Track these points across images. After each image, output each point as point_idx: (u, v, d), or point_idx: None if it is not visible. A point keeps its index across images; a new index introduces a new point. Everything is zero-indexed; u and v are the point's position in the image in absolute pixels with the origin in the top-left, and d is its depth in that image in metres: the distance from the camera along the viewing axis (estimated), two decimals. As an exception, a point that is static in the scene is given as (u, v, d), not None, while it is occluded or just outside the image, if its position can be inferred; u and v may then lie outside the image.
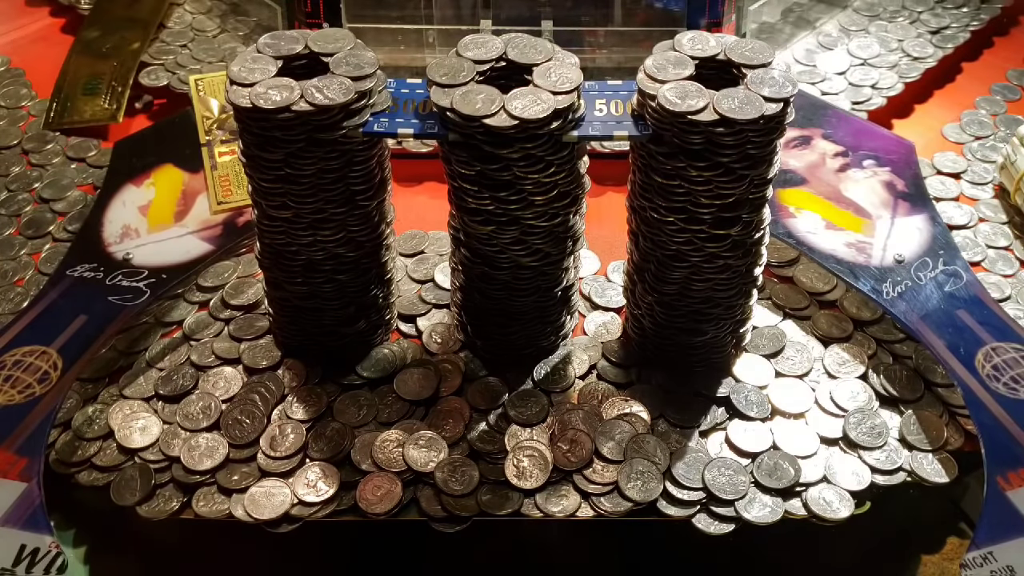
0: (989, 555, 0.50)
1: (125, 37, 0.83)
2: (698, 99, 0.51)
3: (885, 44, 0.84)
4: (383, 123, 0.54)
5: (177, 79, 0.81)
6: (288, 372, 0.61)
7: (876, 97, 0.79)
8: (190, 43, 0.85)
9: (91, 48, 0.83)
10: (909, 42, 0.84)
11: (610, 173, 0.69)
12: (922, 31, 0.86)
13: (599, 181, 0.68)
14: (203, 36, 0.85)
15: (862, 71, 0.81)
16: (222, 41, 0.85)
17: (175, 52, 0.84)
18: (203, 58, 0.83)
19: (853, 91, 0.80)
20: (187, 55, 0.83)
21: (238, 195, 0.67)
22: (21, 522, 0.51)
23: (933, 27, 0.86)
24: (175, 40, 0.85)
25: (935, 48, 0.84)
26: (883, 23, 0.87)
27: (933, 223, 0.66)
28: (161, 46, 0.84)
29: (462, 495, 0.55)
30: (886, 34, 0.85)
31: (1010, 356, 0.58)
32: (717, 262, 0.56)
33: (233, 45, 0.84)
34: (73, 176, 0.75)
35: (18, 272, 0.68)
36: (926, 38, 0.85)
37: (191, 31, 0.86)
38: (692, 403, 0.59)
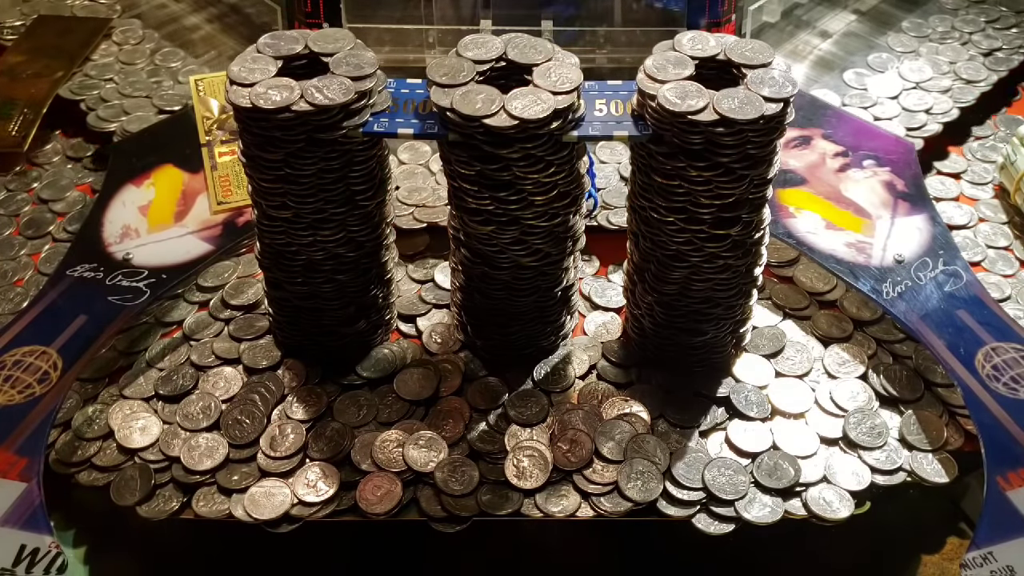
0: (989, 555, 0.50)
1: (49, 65, 0.81)
2: (698, 99, 0.51)
3: (936, 67, 0.81)
4: (383, 123, 0.54)
5: (96, 116, 0.77)
6: (288, 372, 0.61)
7: (931, 123, 0.76)
8: (116, 76, 0.81)
9: (12, 72, 0.80)
10: (961, 64, 0.82)
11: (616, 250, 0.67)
12: (974, 52, 0.83)
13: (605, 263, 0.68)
14: (130, 68, 0.82)
15: (915, 95, 0.79)
16: (150, 74, 0.82)
17: (98, 86, 0.80)
18: (128, 92, 0.79)
19: (907, 116, 0.77)
20: (112, 89, 0.80)
21: (238, 195, 0.67)
22: (21, 522, 0.51)
23: (985, 48, 0.84)
24: (100, 73, 0.82)
25: (988, 71, 0.81)
26: (934, 45, 0.84)
27: (933, 223, 0.66)
28: (83, 80, 0.81)
29: (462, 495, 0.55)
30: (937, 56, 0.83)
31: (1010, 356, 0.58)
32: (717, 262, 0.56)
33: (159, 79, 0.81)
34: (72, 176, 0.75)
35: (18, 272, 0.68)
36: (979, 60, 0.82)
37: (117, 63, 0.83)
38: (692, 403, 0.59)
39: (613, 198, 0.71)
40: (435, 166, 0.73)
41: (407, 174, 0.73)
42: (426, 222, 0.69)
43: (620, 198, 0.70)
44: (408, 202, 0.70)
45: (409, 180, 0.72)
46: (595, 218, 0.69)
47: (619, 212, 0.69)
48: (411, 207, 0.70)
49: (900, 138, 0.73)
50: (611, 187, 0.72)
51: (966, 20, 0.87)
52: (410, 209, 0.70)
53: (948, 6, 0.88)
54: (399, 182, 0.72)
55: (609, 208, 0.70)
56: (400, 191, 0.71)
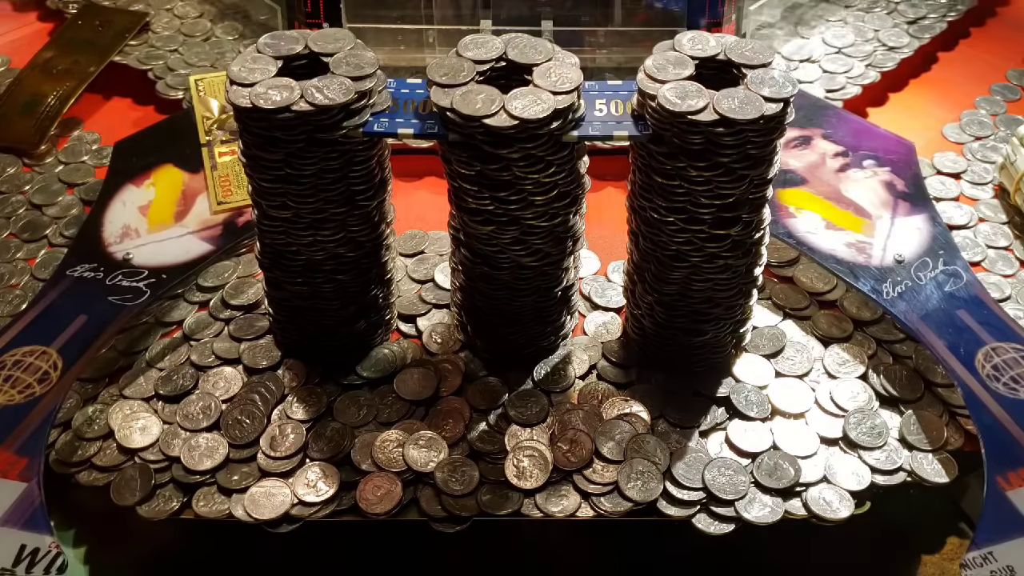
0: (989, 555, 0.50)
1: (78, 61, 0.81)
2: (698, 99, 0.51)
3: (861, 34, 0.85)
4: (383, 123, 0.54)
5: (164, 84, 0.80)
6: (288, 372, 0.61)
7: (850, 86, 0.80)
8: (180, 47, 0.84)
9: (45, 66, 0.81)
10: (885, 32, 0.85)
11: (610, 170, 0.68)
12: (899, 21, 0.86)
13: (599, 178, 0.68)
14: (192, 40, 0.85)
15: (837, 60, 0.82)
16: (213, 45, 0.84)
17: (164, 56, 0.83)
18: (194, 62, 0.82)
19: (827, 79, 0.80)
20: (178, 59, 0.83)
21: (238, 195, 0.67)
22: (21, 522, 0.51)
23: (910, 17, 0.87)
24: (164, 44, 0.84)
25: (911, 38, 0.84)
26: (860, 13, 0.87)
27: (933, 223, 0.66)
28: (150, 51, 0.83)
29: (462, 495, 0.55)
30: (862, 24, 0.86)
31: (1010, 356, 0.58)
32: (717, 262, 0.56)
33: (222, 51, 0.84)
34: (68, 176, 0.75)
35: (14, 276, 0.67)
36: (903, 28, 0.86)
37: (180, 35, 0.85)
38: (692, 403, 0.59)
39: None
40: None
41: None
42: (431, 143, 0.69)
43: None
44: None
45: None
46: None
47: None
48: None
49: (900, 138, 0.73)
50: None
51: None
52: None
53: None
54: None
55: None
56: None
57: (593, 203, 0.61)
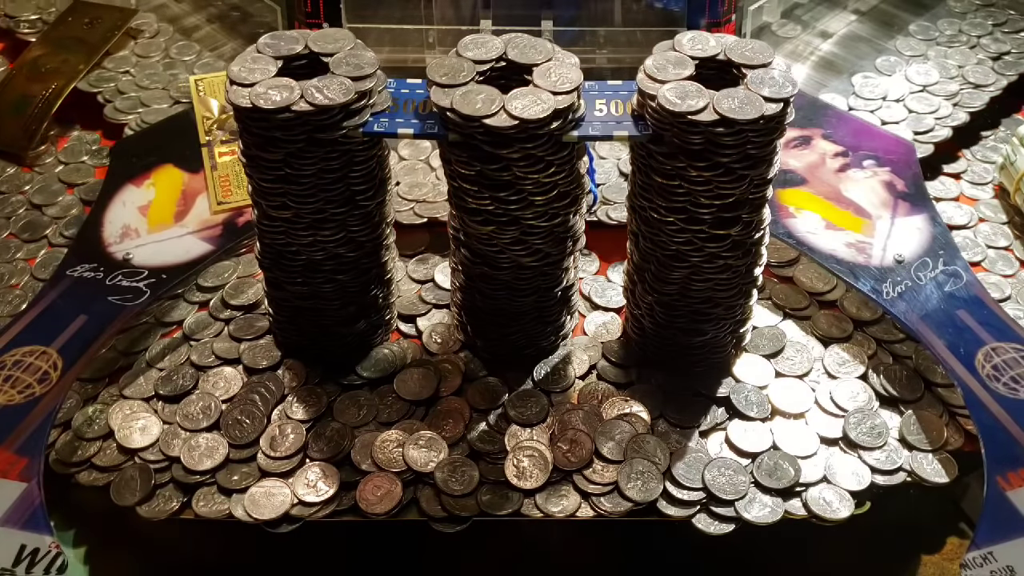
0: (989, 555, 0.50)
1: (67, 60, 0.80)
2: (698, 99, 0.51)
3: (945, 71, 0.80)
4: (383, 123, 0.54)
5: (113, 108, 0.78)
6: (288, 372, 0.61)
7: (939, 128, 0.75)
8: (132, 68, 0.82)
9: (33, 65, 0.80)
10: (970, 68, 0.81)
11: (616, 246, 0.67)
12: (982, 57, 0.82)
13: (605, 258, 0.68)
14: (145, 62, 0.83)
15: (921, 99, 0.78)
16: (167, 66, 0.82)
17: (115, 79, 0.81)
18: (146, 84, 0.80)
19: (914, 120, 0.76)
20: (129, 81, 0.81)
21: (238, 195, 0.67)
22: (21, 522, 0.51)
23: (993, 52, 0.82)
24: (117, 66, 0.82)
25: (996, 75, 0.80)
26: (942, 48, 0.83)
27: (933, 223, 0.66)
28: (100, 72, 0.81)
29: (462, 495, 0.55)
30: (945, 60, 0.81)
31: (1010, 356, 0.58)
32: (717, 262, 0.56)
33: (176, 72, 0.82)
34: (68, 176, 0.75)
35: (14, 276, 0.67)
36: (987, 64, 0.81)
37: (133, 56, 0.83)
38: (692, 403, 0.59)
39: (613, 193, 0.71)
40: (435, 162, 0.73)
41: (407, 170, 0.73)
42: (427, 217, 0.69)
43: (620, 194, 0.70)
44: (408, 197, 0.70)
45: (410, 176, 0.72)
46: (595, 213, 0.69)
47: (619, 207, 0.69)
48: (411, 202, 0.70)
49: (900, 138, 0.73)
50: (611, 183, 0.72)
51: (974, 24, 0.85)
52: (410, 205, 0.70)
53: (956, 9, 0.87)
54: (399, 178, 0.72)
55: (608, 203, 0.70)
56: (400, 187, 0.71)
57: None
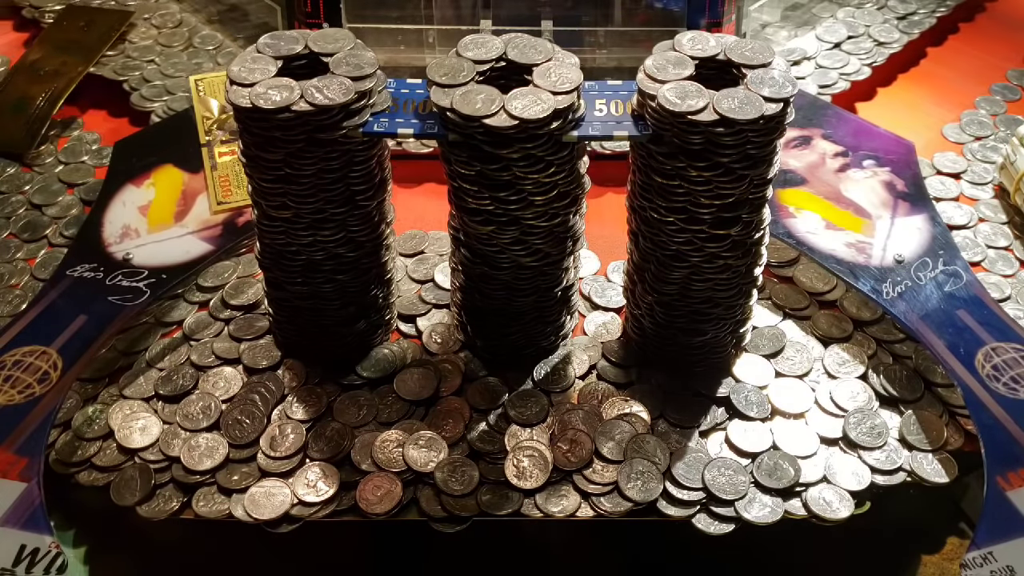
0: (989, 555, 0.50)
1: (67, 62, 0.81)
2: (698, 99, 0.51)
3: (852, 29, 0.85)
4: (383, 123, 0.54)
5: (139, 96, 0.80)
6: (288, 372, 0.61)
7: (841, 81, 0.81)
8: (157, 58, 0.83)
9: (32, 68, 0.81)
10: (876, 28, 0.86)
11: (610, 175, 0.68)
12: (889, 17, 0.87)
13: (599, 183, 0.68)
14: (169, 51, 0.84)
15: (830, 56, 0.83)
16: (191, 55, 0.84)
17: (140, 67, 0.83)
18: (171, 72, 0.82)
19: (820, 74, 0.81)
20: (154, 70, 0.82)
21: (238, 195, 0.67)
22: (21, 522, 0.51)
23: (900, 13, 0.87)
24: (141, 55, 0.84)
25: (901, 33, 0.85)
26: (851, 9, 0.88)
27: (933, 223, 0.66)
28: (126, 61, 0.83)
29: (462, 495, 0.55)
30: (853, 20, 0.87)
31: (1010, 356, 0.58)
32: (717, 262, 0.56)
33: (200, 61, 0.83)
34: (68, 176, 0.75)
35: (14, 276, 0.67)
36: (892, 23, 0.86)
37: (158, 45, 0.85)
38: (692, 403, 0.59)
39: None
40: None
41: None
42: (431, 146, 0.72)
43: None
44: None
45: None
46: (589, 144, 0.69)
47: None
48: None
49: (900, 138, 0.73)
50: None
51: None
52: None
53: None
54: None
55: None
56: None
57: (593, 204, 0.61)
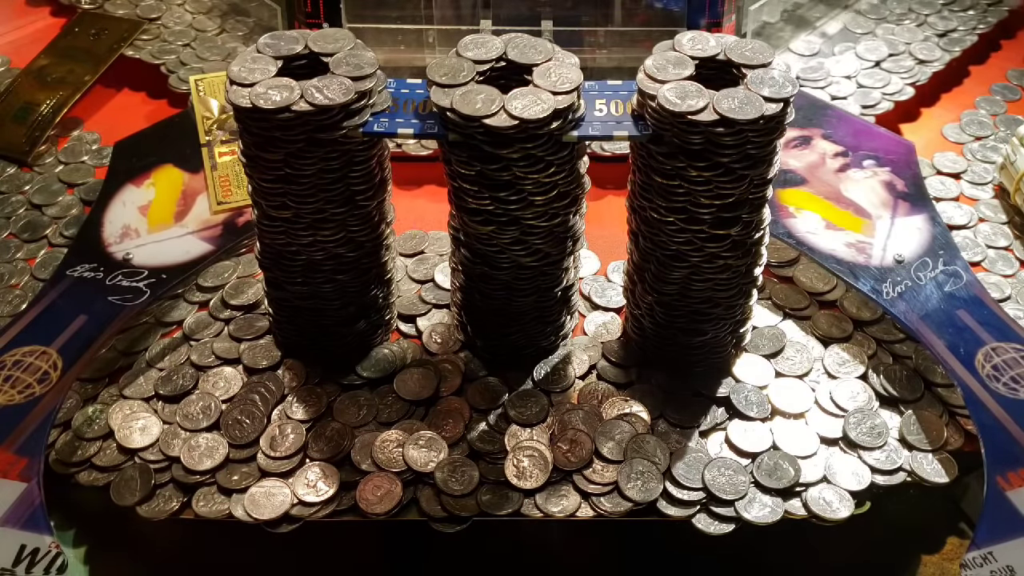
0: (989, 555, 0.50)
1: (73, 70, 0.81)
2: (698, 99, 0.51)
3: (892, 47, 0.84)
4: (383, 123, 0.54)
5: (177, 78, 0.81)
6: (288, 372, 0.61)
7: (884, 101, 0.79)
8: (192, 42, 0.85)
9: (40, 73, 0.81)
10: (916, 45, 0.84)
11: (610, 177, 0.69)
12: (929, 34, 0.85)
13: (599, 184, 0.68)
14: (204, 36, 0.86)
15: (871, 74, 0.81)
16: (225, 40, 0.85)
17: (176, 51, 0.84)
18: (207, 56, 0.83)
19: (862, 94, 0.79)
20: (190, 53, 0.84)
21: (238, 195, 0.67)
22: (21, 522, 0.51)
23: (940, 30, 0.86)
24: (176, 39, 0.85)
25: (942, 51, 0.83)
26: (890, 26, 0.86)
27: (933, 223, 0.66)
28: (162, 45, 0.84)
29: (462, 495, 0.55)
30: (893, 37, 0.85)
31: (1010, 356, 0.58)
32: (717, 262, 0.56)
33: (234, 45, 0.85)
34: (68, 176, 0.75)
35: (14, 276, 0.67)
36: (933, 41, 0.84)
37: (192, 31, 0.86)
38: (692, 403, 0.59)
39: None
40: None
41: None
42: (431, 149, 0.72)
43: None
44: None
45: None
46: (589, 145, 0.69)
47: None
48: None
49: (900, 138, 0.73)
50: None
51: (923, 3, 0.89)
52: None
53: None
54: None
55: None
56: None
57: (593, 204, 0.61)
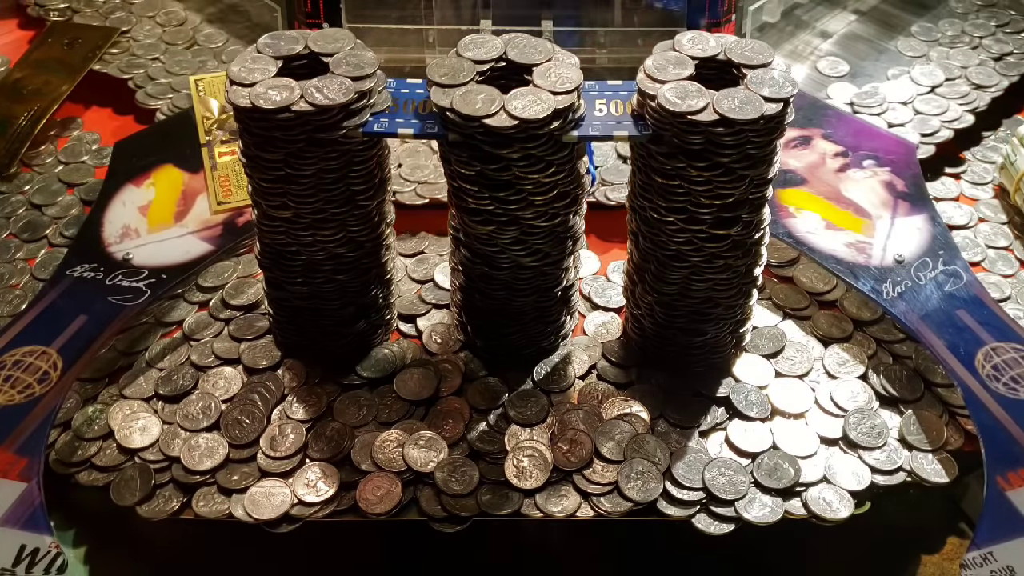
0: (989, 555, 0.50)
1: (49, 81, 0.80)
2: (698, 99, 0.51)
3: (948, 72, 0.80)
4: (383, 123, 0.54)
5: (144, 93, 0.80)
6: (288, 372, 0.61)
7: (944, 130, 0.75)
8: (162, 55, 0.83)
9: (15, 87, 0.79)
10: (972, 69, 0.81)
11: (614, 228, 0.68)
12: (984, 57, 0.82)
13: (603, 238, 0.69)
14: (174, 49, 0.84)
15: (927, 100, 0.78)
16: (196, 53, 0.84)
17: (145, 65, 0.82)
18: (176, 71, 0.82)
19: (920, 122, 0.76)
20: (159, 67, 0.82)
21: (238, 195, 0.67)
22: (21, 522, 0.51)
23: (995, 53, 0.82)
24: (146, 53, 0.84)
25: (999, 76, 0.80)
26: (944, 49, 0.83)
27: (933, 223, 0.66)
28: (131, 59, 0.83)
29: (462, 495, 0.55)
30: (948, 61, 0.82)
31: (1010, 356, 0.58)
32: (717, 262, 0.56)
33: (204, 59, 0.83)
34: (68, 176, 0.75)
35: (14, 276, 0.67)
36: (989, 65, 0.81)
37: (162, 43, 0.85)
38: (692, 403, 0.59)
39: (611, 175, 0.72)
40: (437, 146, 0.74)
41: (409, 152, 0.74)
42: (428, 198, 0.70)
43: (618, 175, 0.72)
44: (410, 179, 0.72)
45: (412, 158, 0.73)
46: (593, 194, 0.69)
47: (616, 188, 0.71)
48: (413, 183, 0.71)
49: (900, 138, 0.73)
50: (609, 164, 0.73)
51: (976, 24, 0.86)
52: (412, 186, 0.71)
53: (958, 10, 0.88)
54: (401, 160, 0.73)
55: (607, 185, 0.71)
56: (403, 168, 0.72)
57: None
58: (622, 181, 0.57)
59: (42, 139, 0.77)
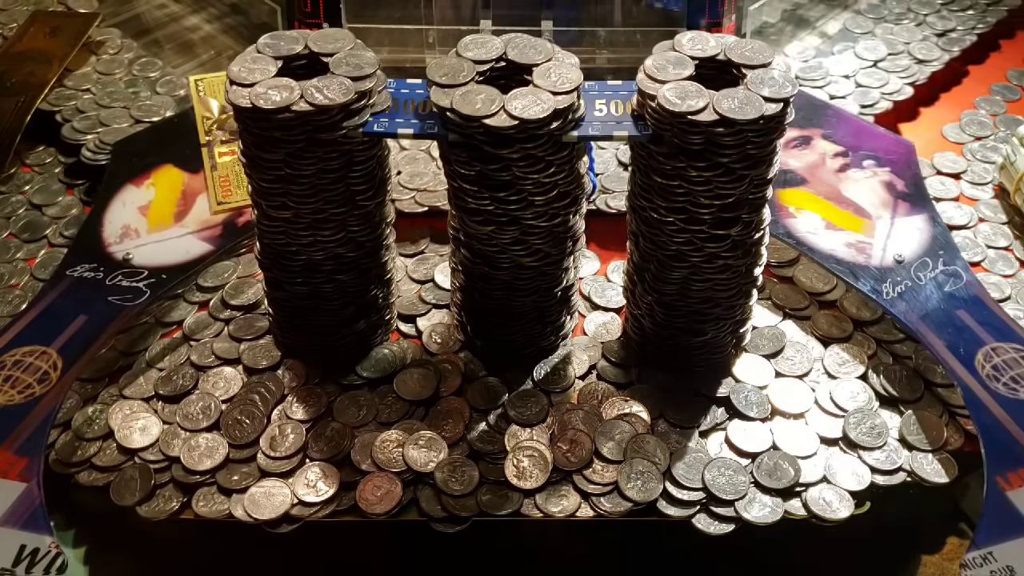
0: (989, 555, 0.50)
1: (35, 72, 0.78)
2: (698, 99, 0.51)
3: (891, 46, 0.84)
4: (383, 123, 0.54)
5: (71, 128, 0.75)
6: (288, 372, 0.61)
7: (883, 101, 0.79)
8: (93, 86, 0.79)
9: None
10: (915, 45, 0.84)
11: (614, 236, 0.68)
12: (928, 34, 0.85)
13: (604, 246, 0.69)
14: (108, 79, 0.80)
15: (869, 74, 0.81)
16: (128, 84, 0.80)
17: (76, 96, 0.78)
18: (107, 103, 0.77)
19: (861, 94, 0.79)
20: (89, 100, 0.78)
21: (238, 195, 0.67)
22: (21, 522, 0.51)
23: (939, 30, 0.86)
24: (77, 84, 0.79)
25: (941, 51, 0.84)
26: (888, 25, 0.86)
27: (933, 223, 0.66)
28: (60, 90, 0.79)
29: (462, 495, 0.55)
30: (892, 37, 0.85)
31: (1010, 356, 0.58)
32: (717, 262, 0.56)
33: (147, 94, 0.79)
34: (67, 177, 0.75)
35: (14, 276, 0.67)
36: (932, 41, 0.85)
37: (95, 74, 0.81)
38: (692, 403, 0.59)
39: (612, 182, 0.72)
40: (436, 152, 0.74)
41: (408, 159, 0.74)
42: (427, 206, 0.70)
43: (619, 182, 0.72)
44: (410, 187, 0.71)
45: (411, 165, 0.73)
46: (594, 201, 0.69)
47: (617, 196, 0.70)
48: (412, 191, 0.71)
49: (900, 138, 0.73)
50: (609, 172, 0.73)
51: (922, 3, 0.89)
52: (411, 194, 0.71)
53: None
54: (401, 167, 0.73)
55: (607, 192, 0.71)
56: (402, 176, 0.72)
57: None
58: (623, 189, 0.57)
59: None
